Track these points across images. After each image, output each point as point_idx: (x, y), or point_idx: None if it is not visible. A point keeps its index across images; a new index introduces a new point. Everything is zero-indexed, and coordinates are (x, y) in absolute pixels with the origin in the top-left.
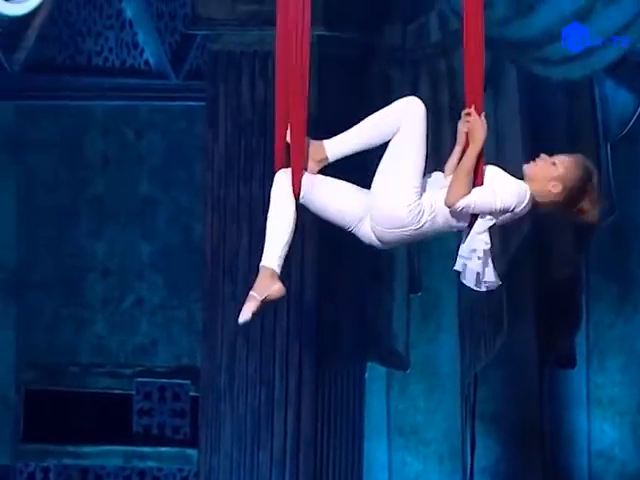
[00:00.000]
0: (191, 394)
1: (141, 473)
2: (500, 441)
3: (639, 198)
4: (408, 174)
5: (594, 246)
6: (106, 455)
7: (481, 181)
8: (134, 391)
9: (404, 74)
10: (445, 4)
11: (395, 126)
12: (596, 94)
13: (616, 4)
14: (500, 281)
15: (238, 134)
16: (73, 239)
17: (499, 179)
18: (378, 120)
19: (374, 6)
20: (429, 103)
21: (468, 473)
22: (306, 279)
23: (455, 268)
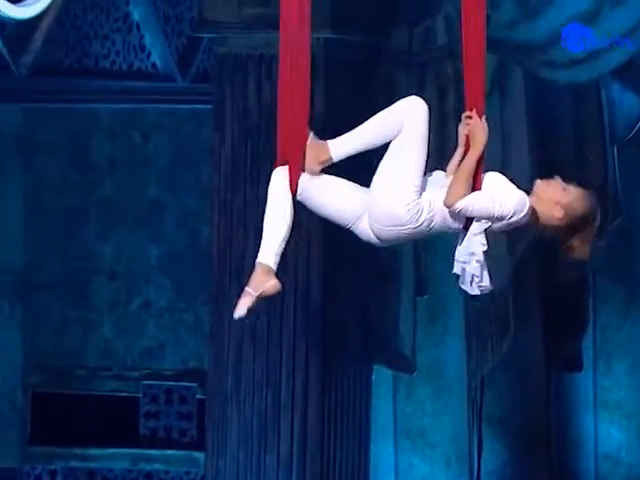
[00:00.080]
0: (198, 397)
1: (148, 476)
2: (507, 444)
3: None
4: (408, 173)
5: (601, 249)
6: (113, 458)
7: (480, 184)
8: (141, 394)
9: (410, 77)
10: (451, 7)
11: (398, 125)
12: (603, 97)
13: (623, 6)
14: (492, 286)
15: (245, 137)
16: (80, 241)
17: (500, 186)
18: (381, 120)
19: (381, 9)
20: (435, 106)
21: (475, 476)
22: (312, 278)
23: (454, 272)
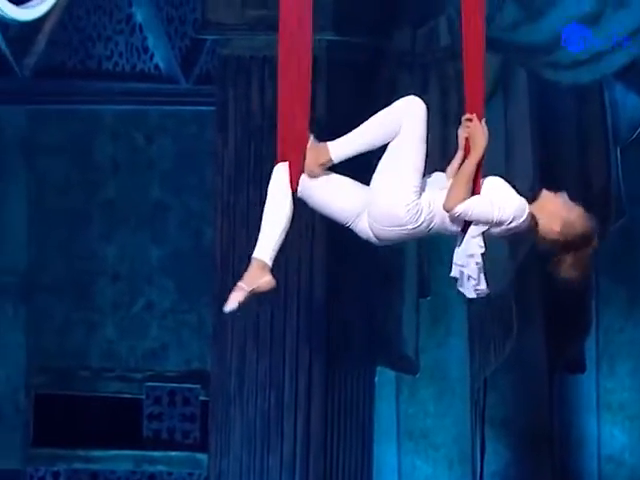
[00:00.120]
0: (201, 398)
1: (151, 477)
2: (510, 445)
3: None
4: (408, 174)
5: (604, 250)
6: (116, 459)
7: (479, 188)
8: (144, 395)
9: (413, 78)
10: (454, 8)
11: (398, 125)
12: (606, 98)
13: (626, 8)
14: (489, 290)
15: (248, 138)
16: (84, 243)
17: (500, 191)
18: (380, 120)
19: (384, 11)
20: (438, 107)
21: (478, 477)
22: (315, 279)
23: (452, 275)
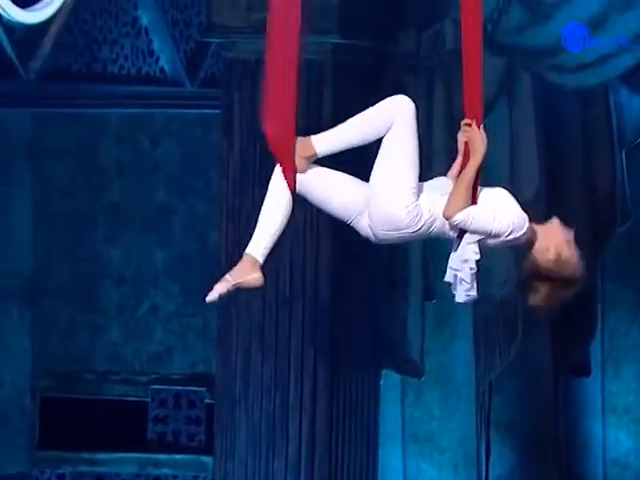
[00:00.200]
0: (206, 401)
1: None
2: (515, 449)
3: None
4: (403, 176)
5: (609, 253)
6: (121, 462)
7: (476, 195)
8: (149, 398)
9: (419, 81)
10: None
11: (384, 124)
12: (611, 101)
13: (631, 11)
14: (478, 295)
15: (253, 142)
16: (89, 246)
17: (501, 202)
18: (368, 118)
19: (389, 13)
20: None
21: None
22: (320, 282)
23: (445, 279)
